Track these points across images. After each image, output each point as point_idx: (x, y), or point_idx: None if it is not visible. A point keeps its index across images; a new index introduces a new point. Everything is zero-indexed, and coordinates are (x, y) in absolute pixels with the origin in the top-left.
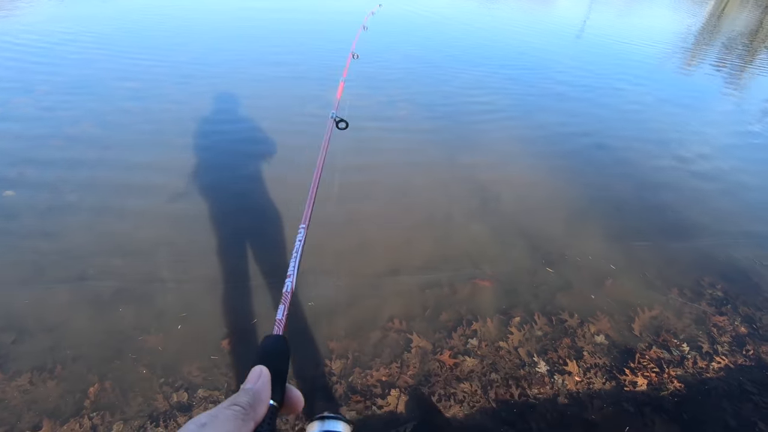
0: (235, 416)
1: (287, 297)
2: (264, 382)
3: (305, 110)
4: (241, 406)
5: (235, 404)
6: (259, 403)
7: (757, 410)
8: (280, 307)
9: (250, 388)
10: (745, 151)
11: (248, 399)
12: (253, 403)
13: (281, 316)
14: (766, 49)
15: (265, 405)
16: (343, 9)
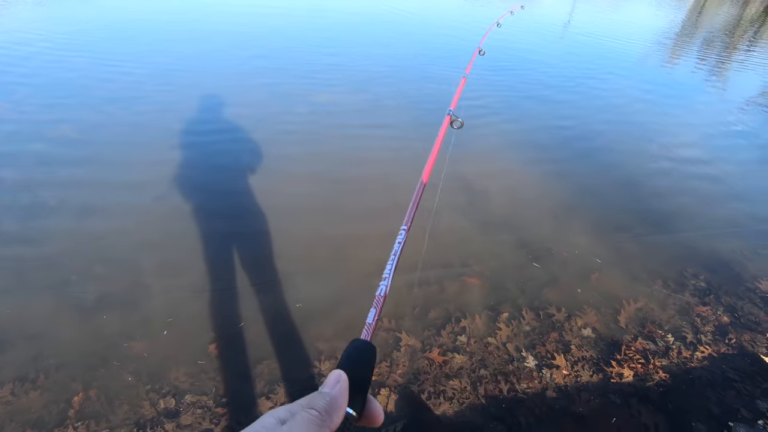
0: (311, 421)
1: (380, 300)
2: (341, 388)
3: (293, 110)
4: (318, 411)
5: (312, 408)
6: (335, 410)
7: (739, 397)
8: (371, 311)
9: (328, 392)
10: (726, 143)
11: (325, 404)
12: (329, 409)
13: (371, 320)
14: (745, 43)
15: (341, 413)
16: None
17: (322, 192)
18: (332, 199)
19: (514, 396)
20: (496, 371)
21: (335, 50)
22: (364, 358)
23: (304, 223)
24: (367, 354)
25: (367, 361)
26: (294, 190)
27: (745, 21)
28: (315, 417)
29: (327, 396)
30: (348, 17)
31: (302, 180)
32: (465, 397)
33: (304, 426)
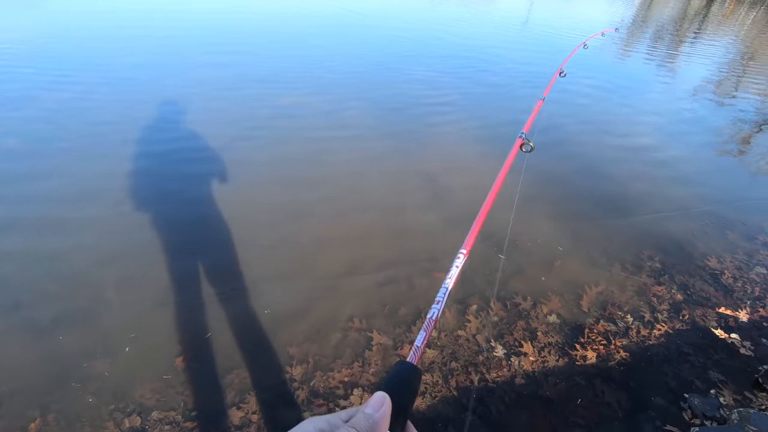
0: None
1: (430, 324)
2: (384, 412)
3: (256, 114)
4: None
5: (354, 428)
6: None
7: (693, 370)
8: (420, 335)
9: (371, 414)
10: (675, 129)
11: (367, 427)
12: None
13: (420, 343)
14: (690, 36)
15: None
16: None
17: (287, 196)
18: (298, 203)
19: (485, 385)
20: (466, 363)
21: (294, 52)
22: (409, 382)
23: (269, 228)
24: (412, 378)
25: (411, 385)
26: (258, 195)
27: (689, 14)
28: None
29: (371, 418)
30: (303, 18)
31: (266, 185)
32: (437, 391)
33: None
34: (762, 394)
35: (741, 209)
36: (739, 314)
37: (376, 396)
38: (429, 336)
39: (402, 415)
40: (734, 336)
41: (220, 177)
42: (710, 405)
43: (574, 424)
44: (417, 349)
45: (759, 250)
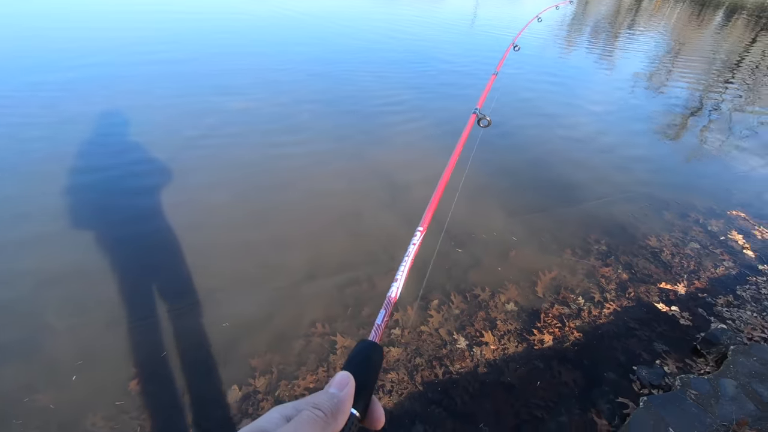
0: (315, 421)
1: (390, 302)
2: (348, 391)
3: (203, 121)
4: (324, 412)
5: (318, 408)
6: (341, 412)
7: (640, 343)
8: (380, 312)
9: (335, 393)
10: (615, 118)
11: (331, 406)
12: (335, 411)
13: (380, 321)
14: (625, 30)
15: (345, 415)
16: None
17: (241, 204)
18: (253, 210)
19: (449, 378)
20: (430, 357)
21: (240, 56)
22: (371, 359)
23: (224, 238)
24: (373, 355)
25: (373, 362)
26: (210, 205)
27: (622, 9)
28: (320, 418)
29: (335, 397)
30: (244, 21)
31: (219, 194)
32: (403, 388)
33: (309, 426)
34: (700, 360)
35: (675, 190)
36: (677, 288)
37: (339, 375)
38: (389, 314)
39: (365, 392)
40: (674, 308)
41: (169, 189)
42: (656, 375)
43: (535, 406)
44: (377, 327)
45: (692, 227)
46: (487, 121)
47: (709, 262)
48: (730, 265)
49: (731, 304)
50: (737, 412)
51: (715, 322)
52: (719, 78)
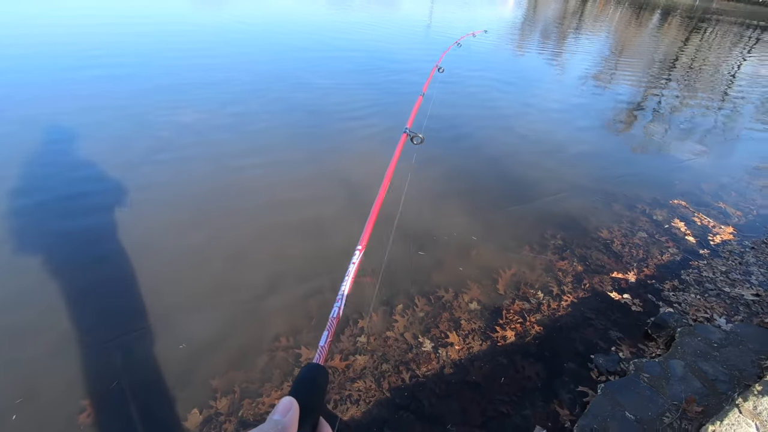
0: None
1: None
2: (292, 416)
3: (155, 134)
4: None
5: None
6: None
7: (596, 332)
8: (324, 334)
9: (278, 419)
10: (565, 117)
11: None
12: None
13: (323, 343)
14: (572, 32)
15: None
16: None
17: (196, 219)
18: (209, 224)
19: (416, 381)
20: (397, 362)
21: (189, 66)
22: (315, 382)
23: (177, 256)
24: (318, 378)
25: (318, 384)
26: (162, 222)
27: (568, 13)
28: None
29: (278, 424)
30: (191, 29)
31: (170, 209)
32: (371, 396)
33: None
34: (651, 344)
35: (622, 183)
36: (628, 276)
37: (283, 401)
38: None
39: (312, 415)
40: (626, 296)
41: (119, 207)
42: (612, 361)
43: (500, 402)
44: (321, 349)
45: (639, 218)
46: (420, 138)
47: (655, 249)
48: (675, 252)
49: (677, 288)
50: (686, 390)
51: (663, 307)
52: (658, 75)
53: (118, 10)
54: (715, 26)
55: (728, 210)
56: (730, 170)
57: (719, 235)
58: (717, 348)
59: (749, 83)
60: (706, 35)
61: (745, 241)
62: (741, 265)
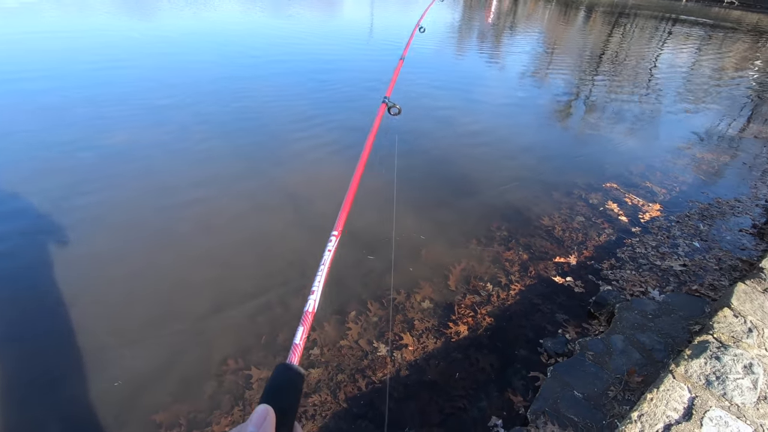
0: None
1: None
2: (267, 426)
3: (76, 155)
4: None
5: None
6: None
7: (544, 317)
8: (298, 330)
9: (253, 431)
10: (506, 111)
11: None
12: None
13: (299, 340)
14: (507, 32)
15: None
16: None
17: (129, 246)
18: (144, 250)
19: (373, 388)
20: (352, 371)
21: (115, 78)
22: (290, 383)
23: (109, 285)
24: (291, 379)
25: (292, 386)
26: (86, 254)
27: (503, 14)
28: None
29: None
30: (116, 42)
31: (96, 239)
32: (327, 409)
33: None
34: (594, 322)
35: (558, 171)
36: (570, 259)
37: (258, 411)
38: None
39: (287, 419)
40: (569, 279)
41: (37, 242)
42: (559, 343)
43: (457, 397)
44: (295, 347)
45: (576, 203)
46: (397, 109)
47: (593, 231)
48: (610, 232)
49: (614, 266)
50: (627, 363)
51: (603, 285)
52: (588, 69)
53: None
54: (633, 20)
55: (654, 189)
56: (654, 152)
57: (648, 213)
58: (652, 319)
59: (667, 72)
60: (627, 29)
61: (671, 216)
62: (669, 238)
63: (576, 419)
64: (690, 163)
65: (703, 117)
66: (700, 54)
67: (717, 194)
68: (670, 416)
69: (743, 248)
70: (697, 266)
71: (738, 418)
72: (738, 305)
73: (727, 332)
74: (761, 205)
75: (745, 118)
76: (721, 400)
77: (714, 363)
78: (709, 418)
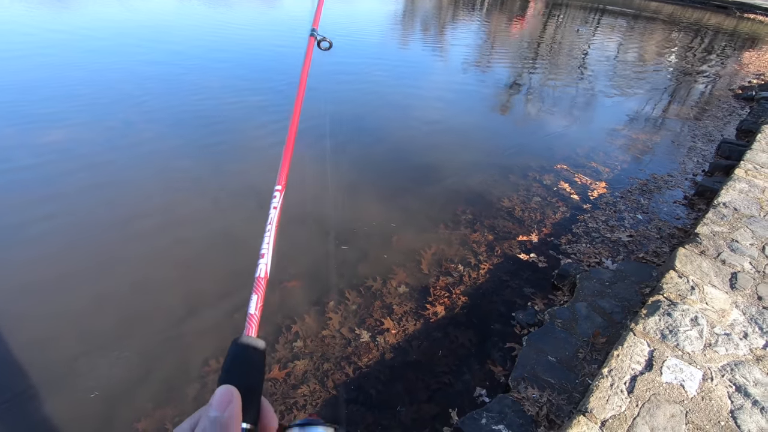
0: None
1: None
2: (233, 409)
3: (11, 157)
4: None
5: None
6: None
7: (513, 292)
8: (252, 298)
9: (218, 416)
10: (457, 98)
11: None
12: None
13: (254, 309)
14: (450, 22)
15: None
16: None
17: (87, 251)
18: (104, 254)
19: (360, 373)
20: (338, 359)
21: (46, 71)
22: (251, 359)
23: (75, 294)
24: (254, 354)
25: (254, 362)
26: (50, 259)
27: (444, 4)
28: None
29: (216, 422)
30: (38, 32)
31: (57, 246)
32: (317, 398)
33: None
34: (558, 293)
35: (513, 155)
36: (531, 237)
37: (220, 392)
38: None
39: (254, 398)
40: (533, 255)
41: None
42: (530, 315)
43: (441, 373)
44: (252, 318)
45: (532, 184)
46: (328, 43)
47: (549, 210)
48: (564, 210)
49: (571, 241)
50: (591, 327)
51: (563, 259)
52: (528, 58)
53: None
54: (566, 12)
55: (599, 168)
56: (595, 134)
57: (596, 191)
58: (609, 286)
59: (597, 59)
60: (560, 19)
61: (615, 192)
62: (616, 213)
63: (552, 381)
64: (626, 143)
65: (634, 101)
66: (626, 42)
67: (652, 170)
68: (634, 368)
69: (678, 218)
70: (641, 236)
71: (690, 364)
72: (681, 267)
73: (674, 291)
74: (689, 178)
75: (668, 100)
76: (675, 350)
77: (666, 319)
78: (667, 366)
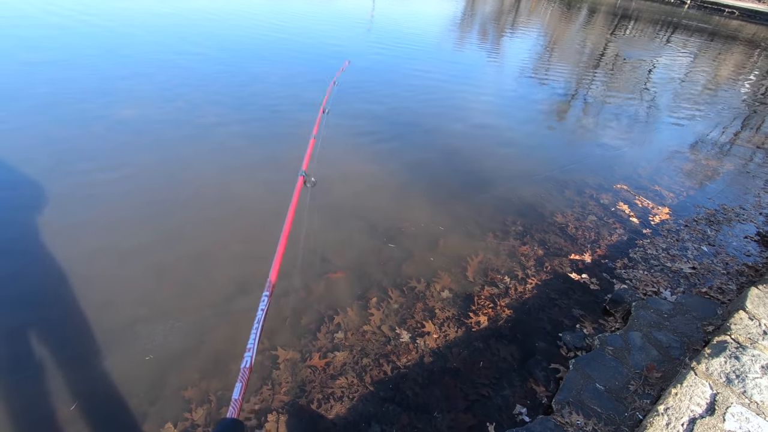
0: None
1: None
2: None
3: (92, 132)
4: None
5: None
6: None
7: (561, 311)
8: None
9: None
10: (509, 106)
11: None
12: None
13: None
14: (509, 28)
15: None
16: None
17: (150, 223)
18: (164, 227)
19: (398, 373)
20: (377, 356)
21: (121, 53)
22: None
23: (130, 263)
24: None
25: None
26: (116, 229)
27: (504, 10)
28: None
29: None
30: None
31: (123, 216)
32: (354, 392)
33: None
34: (610, 318)
35: (569, 169)
36: (584, 257)
37: None
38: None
39: None
40: (584, 276)
41: (56, 220)
42: (578, 337)
43: (480, 385)
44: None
45: (588, 202)
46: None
47: (605, 231)
48: (622, 232)
49: (627, 266)
50: (645, 359)
51: (617, 283)
52: (588, 68)
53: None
54: (635, 24)
55: (663, 192)
56: (659, 155)
57: (658, 216)
58: (667, 318)
59: (663, 77)
60: (627, 32)
61: (679, 219)
62: (678, 241)
63: (599, 410)
64: (694, 168)
65: (702, 124)
66: (698, 61)
67: (722, 201)
68: (694, 410)
69: (749, 254)
70: (705, 269)
71: (758, 414)
72: (752, 309)
73: (743, 334)
74: (764, 213)
75: (739, 127)
76: (741, 397)
77: (733, 362)
78: (731, 413)
